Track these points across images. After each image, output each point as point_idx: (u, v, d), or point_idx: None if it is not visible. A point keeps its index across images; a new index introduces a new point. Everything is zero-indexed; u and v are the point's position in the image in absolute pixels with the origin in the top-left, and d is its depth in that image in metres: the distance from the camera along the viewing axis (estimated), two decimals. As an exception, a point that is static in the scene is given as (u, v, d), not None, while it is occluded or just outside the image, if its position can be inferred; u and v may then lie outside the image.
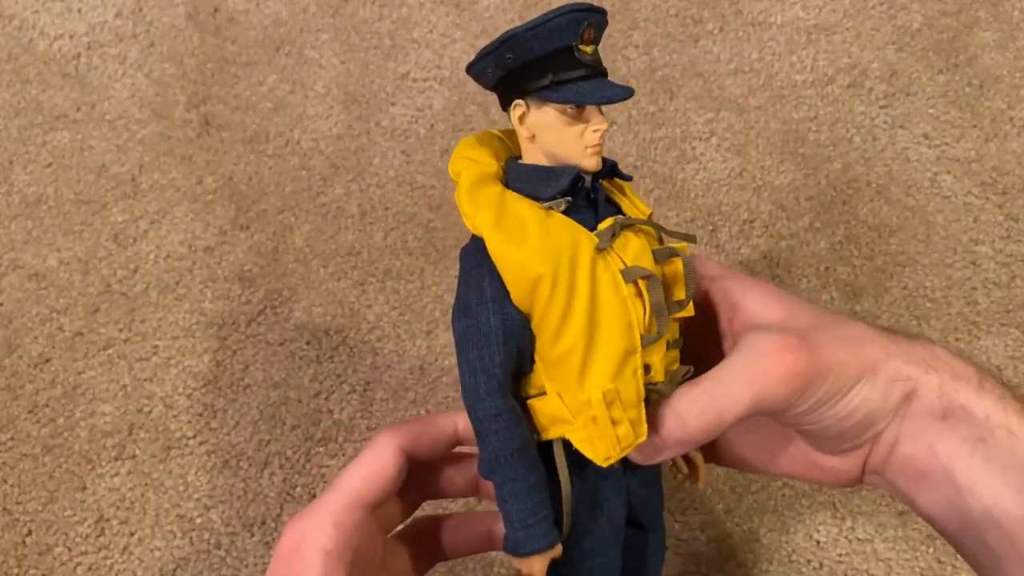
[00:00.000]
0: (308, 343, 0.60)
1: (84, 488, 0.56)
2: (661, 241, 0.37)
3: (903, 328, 0.34)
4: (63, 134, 0.67)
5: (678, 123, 0.68)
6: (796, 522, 0.55)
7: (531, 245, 0.33)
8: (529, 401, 0.35)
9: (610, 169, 0.36)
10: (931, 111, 0.69)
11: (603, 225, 0.34)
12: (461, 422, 0.39)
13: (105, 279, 0.62)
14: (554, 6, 0.34)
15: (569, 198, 0.34)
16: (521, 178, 0.35)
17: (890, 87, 0.70)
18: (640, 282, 0.34)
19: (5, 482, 0.56)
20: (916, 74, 0.70)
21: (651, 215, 0.37)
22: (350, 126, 0.68)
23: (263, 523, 0.55)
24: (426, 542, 0.42)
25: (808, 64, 0.71)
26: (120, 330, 0.61)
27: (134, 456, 0.57)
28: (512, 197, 0.34)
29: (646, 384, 0.34)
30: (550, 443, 0.36)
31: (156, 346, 0.60)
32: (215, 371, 0.59)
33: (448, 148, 0.67)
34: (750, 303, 0.38)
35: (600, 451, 0.34)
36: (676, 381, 0.35)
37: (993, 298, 0.62)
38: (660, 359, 0.35)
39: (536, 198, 0.35)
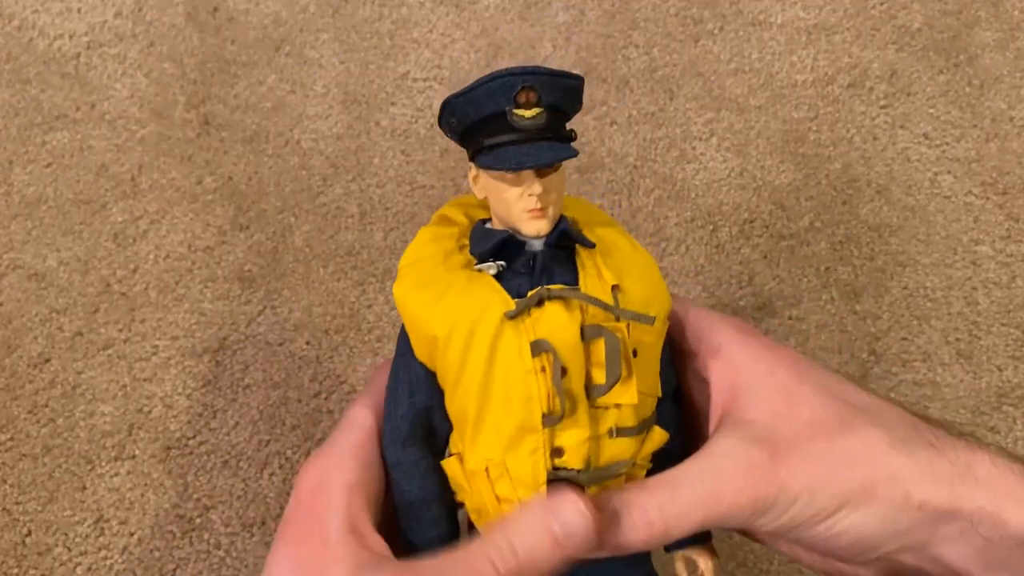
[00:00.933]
0: (308, 343, 0.60)
1: (84, 488, 0.56)
2: (618, 318, 0.33)
3: (947, 422, 0.32)
4: (63, 134, 0.67)
5: (678, 123, 0.68)
6: (796, 522, 0.55)
7: (435, 305, 0.33)
8: (443, 460, 0.34)
9: (560, 235, 0.34)
10: (931, 111, 0.69)
11: (531, 293, 0.33)
12: None
13: (105, 279, 0.62)
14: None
15: (502, 263, 0.33)
16: (473, 239, 0.35)
17: (890, 87, 0.70)
18: (544, 357, 0.32)
19: (5, 482, 0.56)
20: (916, 74, 0.70)
21: (615, 287, 0.33)
22: (350, 126, 0.68)
23: (263, 524, 0.55)
24: None
25: (808, 64, 0.71)
26: (120, 330, 0.61)
27: (134, 456, 0.57)
28: (455, 258, 0.34)
29: (556, 468, 0.32)
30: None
31: (156, 346, 0.60)
32: (215, 371, 0.59)
33: (448, 148, 0.67)
34: (748, 390, 0.34)
35: (487, 527, 0.32)
36: (611, 474, 0.33)
37: (993, 298, 0.62)
38: (579, 444, 0.32)
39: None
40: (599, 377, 0.32)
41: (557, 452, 0.32)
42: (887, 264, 0.63)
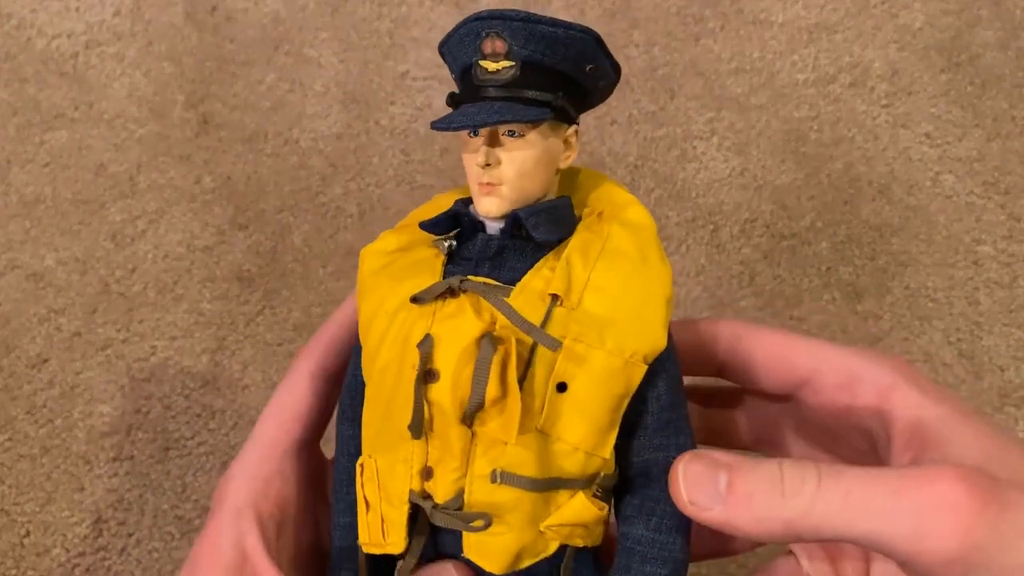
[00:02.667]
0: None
1: (82, 489, 0.56)
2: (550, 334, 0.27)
3: None
4: (61, 133, 0.67)
5: (679, 122, 0.68)
6: (797, 523, 0.55)
7: (375, 275, 0.29)
8: None
9: (513, 222, 0.28)
10: (933, 110, 0.69)
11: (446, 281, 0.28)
12: None
13: (103, 279, 0.62)
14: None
15: (452, 241, 0.29)
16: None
17: (892, 86, 0.70)
18: (417, 353, 0.26)
19: (3, 483, 0.56)
20: (918, 73, 0.70)
21: (554, 296, 0.27)
22: (349, 125, 0.68)
23: (262, 524, 0.55)
24: None
25: (809, 63, 0.71)
26: (118, 330, 0.60)
27: (132, 457, 0.57)
28: (425, 237, 0.30)
29: (422, 493, 0.27)
30: None
31: (154, 346, 0.60)
32: (213, 371, 0.59)
33: (448, 147, 0.66)
34: (943, 431, 0.26)
35: (360, 529, 0.29)
36: (464, 521, 0.26)
37: (995, 298, 0.62)
38: (448, 473, 0.26)
39: None
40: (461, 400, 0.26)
41: (427, 473, 0.27)
42: (888, 264, 0.63)
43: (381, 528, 0.28)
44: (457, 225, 0.29)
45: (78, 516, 0.55)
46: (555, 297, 0.27)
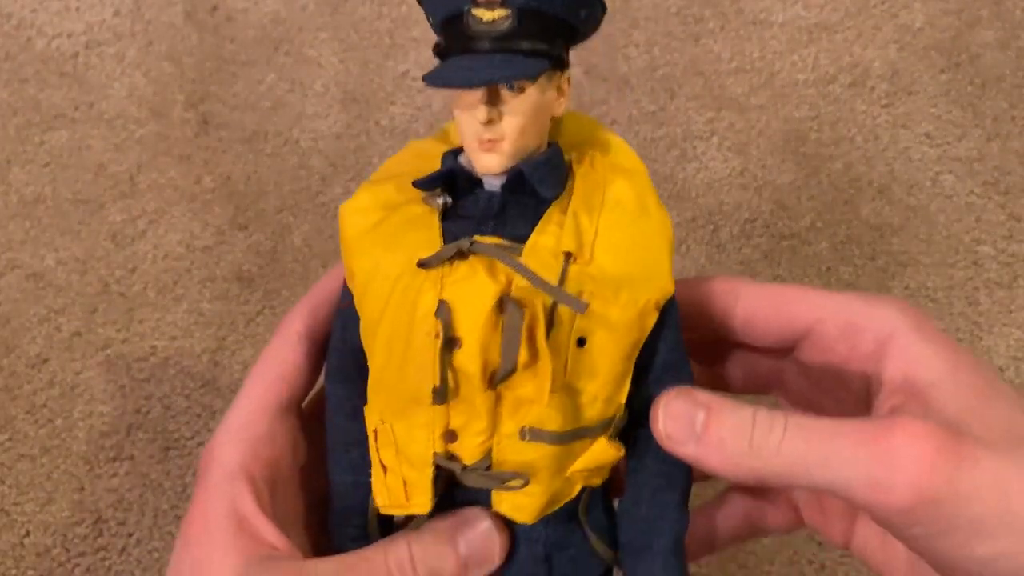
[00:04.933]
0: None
1: (82, 489, 0.56)
2: (560, 292, 0.26)
3: None
4: (61, 133, 0.67)
5: (679, 122, 0.68)
6: (797, 523, 0.55)
7: (366, 234, 0.28)
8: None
9: (516, 177, 0.27)
10: (933, 110, 0.69)
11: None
12: None
13: (103, 279, 0.62)
14: None
15: (447, 199, 0.28)
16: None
17: (892, 86, 0.70)
18: (438, 320, 0.26)
19: (3, 483, 0.56)
20: (918, 73, 0.70)
21: (568, 255, 0.26)
22: (349, 125, 0.68)
23: (262, 524, 0.55)
24: None
25: (809, 63, 0.71)
26: (118, 330, 0.60)
27: (132, 457, 0.57)
28: (413, 192, 0.28)
29: (447, 455, 0.27)
30: None
31: (154, 346, 0.60)
32: (213, 372, 0.59)
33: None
34: (932, 387, 0.26)
35: (377, 492, 0.28)
36: (504, 482, 0.27)
37: (996, 298, 0.62)
38: (474, 435, 0.27)
39: None
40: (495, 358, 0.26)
41: (450, 436, 0.27)
42: (888, 264, 0.63)
43: (404, 490, 0.27)
44: (449, 180, 0.28)
45: (78, 516, 0.55)
46: (568, 255, 0.26)
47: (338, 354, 0.30)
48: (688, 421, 0.26)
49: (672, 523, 0.29)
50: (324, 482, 0.31)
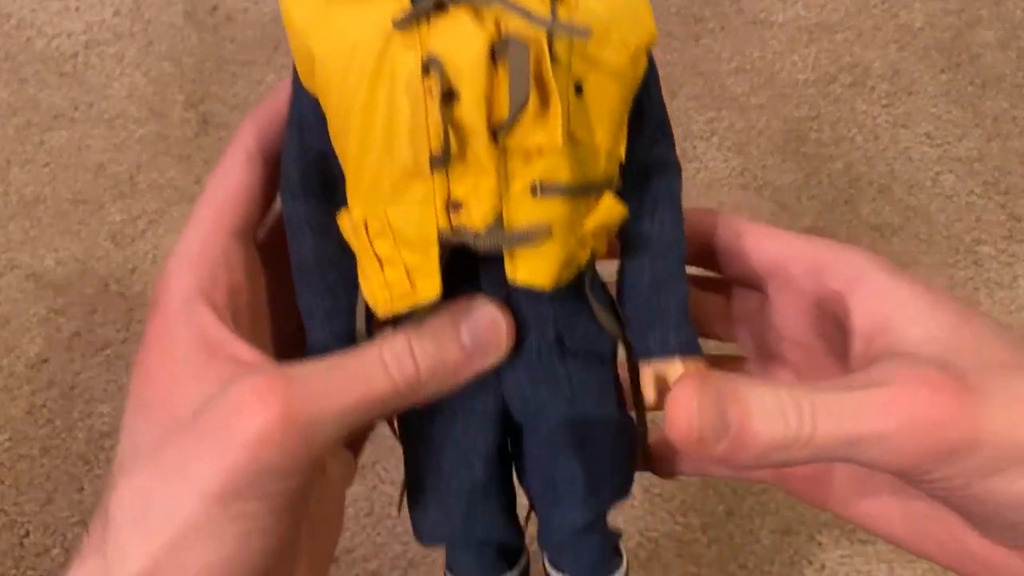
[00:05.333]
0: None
1: (82, 489, 0.56)
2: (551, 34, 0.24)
3: None
4: (61, 133, 0.67)
5: (679, 122, 0.68)
6: (798, 523, 0.55)
7: (320, 11, 0.25)
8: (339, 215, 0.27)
9: None
10: (933, 110, 0.69)
11: None
12: None
13: (103, 279, 0.62)
14: None
15: None
16: None
17: (892, 86, 0.69)
18: (432, 76, 0.23)
19: (3, 483, 0.56)
20: (918, 73, 0.70)
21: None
22: (349, 125, 0.68)
23: (262, 525, 0.55)
24: None
25: (810, 63, 0.70)
26: (118, 330, 0.60)
27: (132, 457, 0.57)
28: None
29: (453, 228, 0.24)
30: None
31: (154, 346, 0.60)
32: (213, 372, 0.59)
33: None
34: (907, 326, 0.25)
35: (374, 295, 0.25)
36: (526, 239, 0.25)
37: (996, 298, 0.62)
38: (483, 197, 0.24)
39: None
40: (503, 107, 0.24)
41: (454, 206, 0.24)
42: (889, 264, 0.63)
43: (407, 279, 0.25)
44: None
45: (78, 516, 0.55)
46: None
47: (298, 165, 0.27)
48: (719, 419, 0.24)
49: (676, 288, 0.28)
50: (287, 316, 0.28)
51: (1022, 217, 0.65)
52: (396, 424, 0.29)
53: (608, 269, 0.28)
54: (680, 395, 0.24)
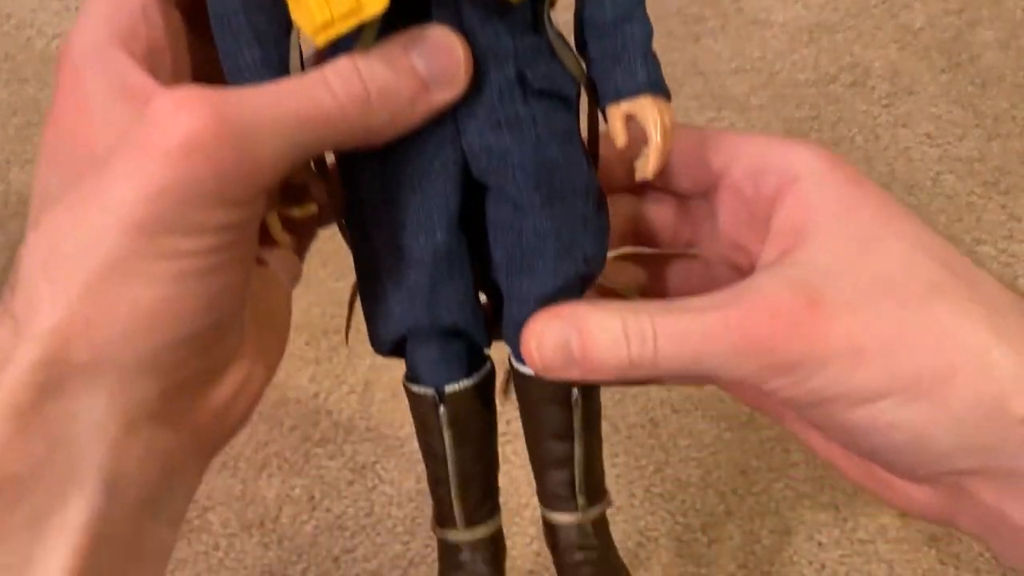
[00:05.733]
0: (307, 343, 0.60)
1: None
2: None
3: None
4: (61, 133, 0.67)
5: (680, 122, 0.68)
6: (798, 523, 0.55)
7: None
8: None
9: None
10: (933, 110, 0.69)
11: None
12: None
13: (103, 279, 0.62)
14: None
15: None
16: None
17: (892, 86, 0.69)
18: None
19: (2, 483, 0.56)
20: (918, 73, 0.70)
21: None
22: (349, 125, 0.68)
23: (261, 524, 0.55)
24: None
25: (810, 63, 0.70)
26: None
27: (132, 457, 0.57)
28: None
29: None
30: None
31: (154, 346, 0.60)
32: (213, 372, 0.59)
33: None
34: (817, 232, 0.25)
35: (312, 17, 0.21)
36: None
37: (996, 298, 0.62)
38: None
39: None
40: None
41: None
42: (889, 264, 0.63)
43: None
44: None
45: None
46: None
47: None
48: (563, 349, 0.24)
49: (641, 22, 0.27)
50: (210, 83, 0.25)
51: (1022, 217, 0.65)
52: (345, 222, 0.27)
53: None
54: (527, 330, 0.25)
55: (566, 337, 0.24)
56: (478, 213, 0.26)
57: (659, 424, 0.58)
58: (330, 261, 0.63)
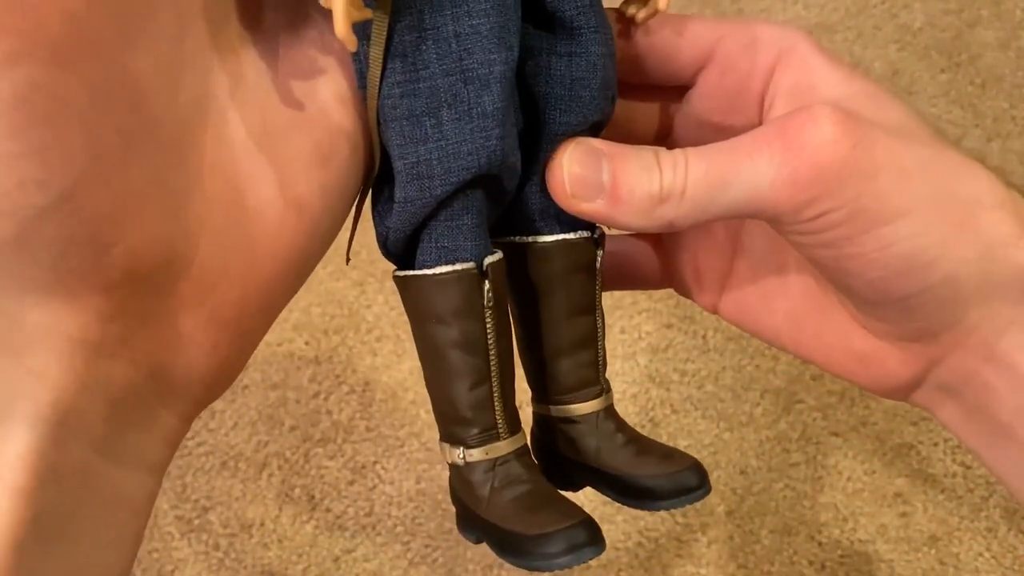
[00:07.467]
0: (307, 343, 0.60)
1: None
2: None
3: None
4: (60, 133, 0.67)
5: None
6: (798, 523, 0.55)
7: None
8: None
9: None
10: (933, 110, 0.69)
11: None
12: None
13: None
14: None
15: None
16: None
17: (892, 86, 0.69)
18: None
19: (2, 483, 0.56)
20: (918, 73, 0.70)
21: None
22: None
23: (262, 524, 0.55)
24: None
25: (809, 63, 0.71)
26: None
27: (132, 457, 0.57)
28: None
29: None
30: None
31: (154, 346, 0.60)
32: (213, 372, 0.59)
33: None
34: (821, 84, 0.25)
35: None
36: None
37: (995, 298, 0.62)
38: None
39: None
40: None
41: None
42: (889, 264, 0.63)
43: None
44: None
45: None
46: None
47: None
48: (595, 175, 0.23)
49: None
50: None
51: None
52: (389, 59, 0.23)
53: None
54: (556, 156, 0.24)
55: (597, 159, 0.24)
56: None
57: (659, 424, 0.58)
58: (330, 261, 0.63)
